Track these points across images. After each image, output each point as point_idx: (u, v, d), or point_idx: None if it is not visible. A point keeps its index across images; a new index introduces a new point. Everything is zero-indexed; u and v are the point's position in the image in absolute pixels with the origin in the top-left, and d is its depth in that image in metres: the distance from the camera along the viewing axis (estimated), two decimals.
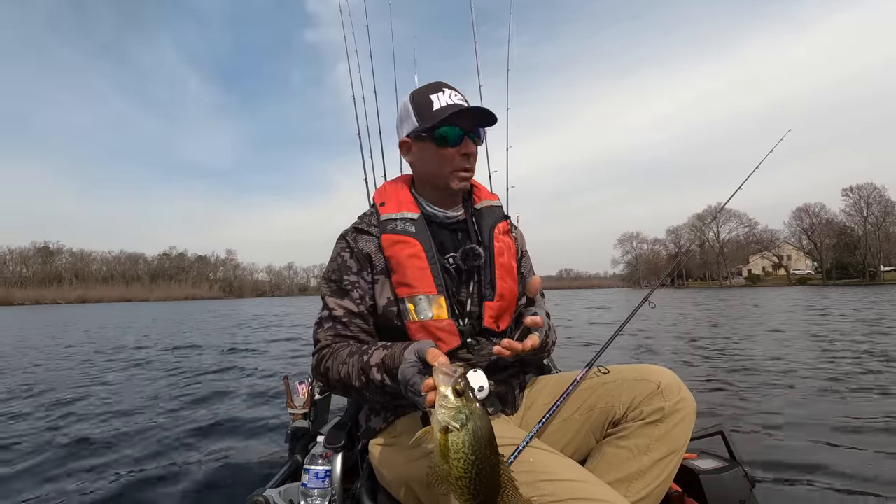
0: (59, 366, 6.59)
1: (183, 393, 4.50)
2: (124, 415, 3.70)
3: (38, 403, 4.17)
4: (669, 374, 1.07)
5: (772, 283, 71.82)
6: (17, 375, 5.80)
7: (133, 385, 5.00)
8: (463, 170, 1.14)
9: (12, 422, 3.54)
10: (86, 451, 2.82)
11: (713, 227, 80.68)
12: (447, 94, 1.12)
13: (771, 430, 2.83)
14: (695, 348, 6.65)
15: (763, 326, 9.39)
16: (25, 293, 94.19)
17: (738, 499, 1.17)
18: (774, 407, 3.34)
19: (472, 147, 1.13)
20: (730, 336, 7.90)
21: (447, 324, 1.08)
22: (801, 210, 72.09)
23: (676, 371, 1.07)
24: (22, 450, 2.87)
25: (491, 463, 0.69)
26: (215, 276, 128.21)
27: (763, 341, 7.12)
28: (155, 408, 3.91)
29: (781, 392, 3.79)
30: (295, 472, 1.38)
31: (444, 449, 0.68)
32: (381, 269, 1.11)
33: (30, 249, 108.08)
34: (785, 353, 5.86)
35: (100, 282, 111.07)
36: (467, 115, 1.11)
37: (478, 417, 0.69)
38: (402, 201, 1.17)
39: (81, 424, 3.43)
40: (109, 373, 5.83)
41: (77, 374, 5.82)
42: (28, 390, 4.79)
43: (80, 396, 4.43)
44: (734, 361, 5.35)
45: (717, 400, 3.60)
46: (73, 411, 3.83)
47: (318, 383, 1.51)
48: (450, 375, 0.71)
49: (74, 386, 4.98)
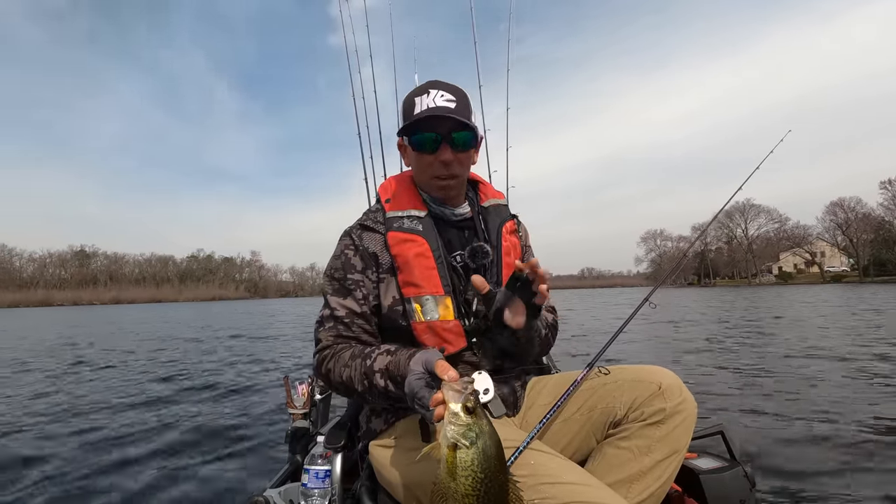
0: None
1: (183, 388, 4.58)
2: (124, 414, 3.73)
3: (47, 404, 4.29)
4: (670, 375, 1.06)
5: (804, 280, 69.27)
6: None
7: (144, 383, 5.11)
8: (439, 177, 1.11)
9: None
10: (85, 450, 2.83)
11: (741, 223, 78.41)
12: (431, 95, 1.07)
13: (771, 429, 2.81)
14: (701, 347, 6.53)
15: (788, 323, 9.07)
16: (64, 294, 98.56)
17: (738, 498, 1.17)
18: (775, 407, 3.31)
19: (449, 154, 1.08)
20: (746, 335, 7.69)
21: (454, 325, 1.06)
22: (835, 204, 69.28)
23: (677, 371, 1.06)
24: (20, 449, 2.90)
25: (499, 482, 0.68)
26: (241, 277, 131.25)
27: (781, 337, 6.93)
28: (155, 408, 3.94)
29: (782, 392, 3.74)
30: (295, 472, 1.38)
31: (451, 466, 0.66)
32: (386, 268, 1.09)
33: (68, 253, 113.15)
34: (796, 351, 5.75)
35: (132, 283, 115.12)
36: (442, 119, 1.05)
37: (488, 436, 0.68)
38: (409, 198, 1.15)
39: (80, 423, 3.47)
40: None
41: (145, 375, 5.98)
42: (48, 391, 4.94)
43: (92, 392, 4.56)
44: (740, 361, 5.26)
45: (717, 400, 3.57)
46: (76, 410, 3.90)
47: (319, 383, 1.52)
48: (460, 392, 0.70)
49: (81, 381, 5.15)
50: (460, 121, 1.05)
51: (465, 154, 1.11)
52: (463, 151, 1.10)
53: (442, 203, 1.16)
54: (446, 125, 1.06)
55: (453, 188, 1.14)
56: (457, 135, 1.07)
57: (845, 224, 68.12)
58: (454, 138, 1.08)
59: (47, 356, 8.05)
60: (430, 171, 1.11)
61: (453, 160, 1.09)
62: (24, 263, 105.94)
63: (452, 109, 1.06)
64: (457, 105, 1.07)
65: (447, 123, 1.06)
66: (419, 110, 1.06)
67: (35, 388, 4.98)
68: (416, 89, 1.12)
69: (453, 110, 1.06)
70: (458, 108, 1.07)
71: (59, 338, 12.05)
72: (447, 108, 1.06)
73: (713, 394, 3.75)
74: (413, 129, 1.08)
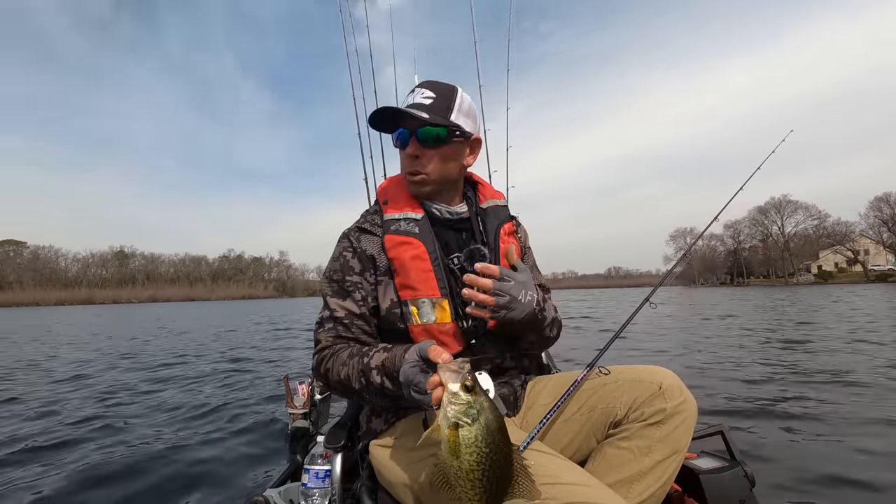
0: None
1: (185, 388, 4.62)
2: (124, 413, 3.75)
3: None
4: (671, 375, 1.04)
5: (845, 279, 65.96)
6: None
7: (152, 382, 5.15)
8: (409, 172, 1.12)
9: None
10: (85, 450, 2.84)
11: (777, 220, 75.27)
12: (416, 93, 1.09)
13: (771, 429, 2.78)
14: (709, 347, 6.37)
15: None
16: (105, 293, 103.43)
17: (737, 498, 1.16)
18: (775, 406, 3.25)
19: (412, 149, 1.09)
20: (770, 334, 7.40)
21: (450, 327, 1.06)
22: (880, 200, 65.78)
23: (678, 371, 1.05)
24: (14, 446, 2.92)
25: (504, 453, 0.69)
26: (269, 276, 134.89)
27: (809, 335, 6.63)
28: (156, 406, 3.98)
29: (782, 393, 3.67)
30: (295, 472, 1.39)
31: (453, 445, 0.68)
32: (384, 271, 1.09)
33: (108, 253, 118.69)
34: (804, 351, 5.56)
35: (167, 282, 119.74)
36: (407, 115, 1.06)
37: (489, 411, 0.69)
38: (405, 200, 1.15)
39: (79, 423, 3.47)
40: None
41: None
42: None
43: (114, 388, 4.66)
44: (748, 361, 5.12)
45: (717, 400, 3.51)
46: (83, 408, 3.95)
47: (319, 383, 1.54)
48: (457, 372, 0.71)
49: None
50: (416, 115, 1.05)
51: (433, 150, 1.09)
52: (432, 147, 1.09)
53: (434, 201, 1.15)
54: (416, 121, 1.07)
55: (423, 184, 1.12)
56: (423, 129, 1.07)
57: (891, 220, 64.58)
58: (419, 133, 1.07)
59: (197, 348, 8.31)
60: (403, 166, 1.14)
61: (420, 155, 1.09)
62: (69, 263, 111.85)
63: (425, 106, 1.06)
64: (433, 102, 1.07)
65: (416, 119, 1.06)
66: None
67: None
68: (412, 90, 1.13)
69: (425, 107, 1.06)
70: (433, 105, 1.06)
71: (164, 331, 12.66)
72: (420, 104, 1.06)
73: (713, 393, 3.71)
74: (383, 124, 1.12)
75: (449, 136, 1.09)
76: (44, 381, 5.39)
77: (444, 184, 1.15)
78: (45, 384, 5.16)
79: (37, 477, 2.41)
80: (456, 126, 1.08)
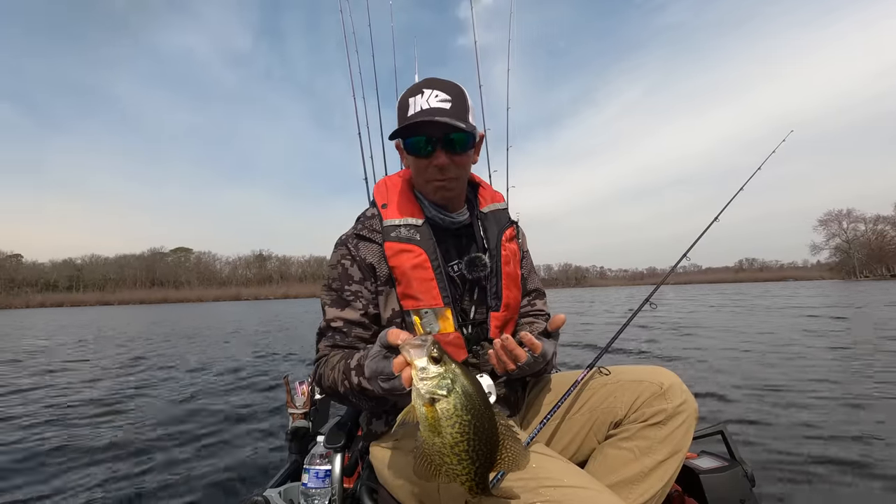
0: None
1: (183, 387, 4.63)
2: (126, 413, 3.74)
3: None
4: (672, 375, 1.05)
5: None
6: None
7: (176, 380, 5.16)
8: (436, 181, 1.06)
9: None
10: (84, 449, 2.84)
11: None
12: (425, 95, 1.01)
13: (771, 429, 2.79)
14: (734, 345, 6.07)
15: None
16: (249, 291, 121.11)
17: (738, 498, 1.17)
18: (775, 407, 3.26)
19: (443, 158, 1.02)
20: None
21: (454, 337, 1.05)
22: None
23: (678, 371, 1.08)
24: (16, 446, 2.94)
25: (487, 417, 0.66)
26: None
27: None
28: (157, 405, 3.98)
29: (784, 392, 3.67)
30: (295, 472, 1.38)
31: (433, 421, 0.65)
32: (384, 280, 1.06)
33: (251, 256, 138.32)
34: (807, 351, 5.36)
35: (297, 281, 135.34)
36: (432, 123, 0.99)
37: (463, 377, 0.66)
38: (405, 204, 1.11)
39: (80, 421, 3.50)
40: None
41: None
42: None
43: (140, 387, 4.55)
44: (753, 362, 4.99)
45: (717, 400, 3.52)
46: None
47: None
48: (421, 346, 0.67)
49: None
50: (454, 124, 0.99)
51: (462, 156, 1.05)
52: (460, 154, 1.05)
53: (440, 208, 1.11)
54: (441, 128, 1.01)
55: (451, 190, 1.08)
56: (453, 136, 1.02)
57: None
58: (449, 141, 1.02)
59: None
60: (425, 175, 1.07)
61: (449, 164, 1.04)
62: (222, 266, 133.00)
63: (447, 111, 1.00)
64: (452, 105, 1.01)
65: (442, 126, 1.00)
66: (413, 112, 1.01)
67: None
68: (410, 89, 1.06)
69: (448, 111, 1.00)
70: (454, 109, 1.01)
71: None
72: (441, 109, 1.00)
73: (713, 393, 3.68)
74: (406, 133, 1.03)
75: (472, 140, 1.06)
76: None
77: (464, 186, 1.13)
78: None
79: (28, 474, 2.43)
80: (474, 128, 1.04)
